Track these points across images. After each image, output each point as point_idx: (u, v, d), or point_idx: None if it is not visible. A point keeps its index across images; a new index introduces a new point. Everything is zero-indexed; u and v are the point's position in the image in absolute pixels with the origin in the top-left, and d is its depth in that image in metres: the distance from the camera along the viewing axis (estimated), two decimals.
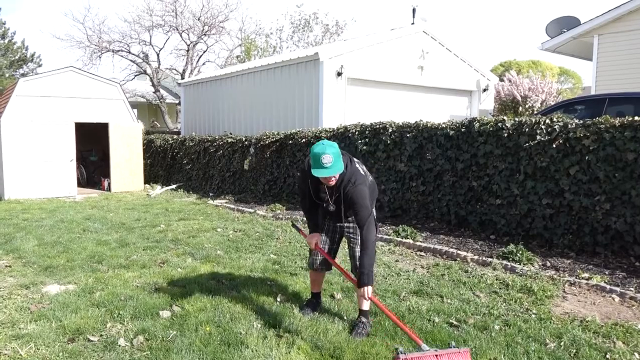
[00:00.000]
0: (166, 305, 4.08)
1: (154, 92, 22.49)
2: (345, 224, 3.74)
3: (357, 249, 3.63)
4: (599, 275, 4.82)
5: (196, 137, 12.95)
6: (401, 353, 2.78)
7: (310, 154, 3.29)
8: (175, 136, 14.53)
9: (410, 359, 2.75)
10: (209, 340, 3.41)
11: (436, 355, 2.81)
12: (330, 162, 3.21)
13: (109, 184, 12.44)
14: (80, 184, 12.99)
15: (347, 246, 3.84)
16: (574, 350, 3.26)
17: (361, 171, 3.51)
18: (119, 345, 3.36)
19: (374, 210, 3.59)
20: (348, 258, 3.87)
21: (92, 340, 3.45)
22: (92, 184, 13.53)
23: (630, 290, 4.40)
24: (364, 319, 3.62)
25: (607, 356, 3.18)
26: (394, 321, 3.18)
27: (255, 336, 3.46)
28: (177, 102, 23.45)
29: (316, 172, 3.25)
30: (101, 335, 3.53)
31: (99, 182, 13.21)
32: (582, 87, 23.04)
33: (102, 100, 12.16)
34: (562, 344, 3.36)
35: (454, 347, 2.93)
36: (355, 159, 3.58)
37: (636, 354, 3.21)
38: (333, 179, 3.34)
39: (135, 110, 15.69)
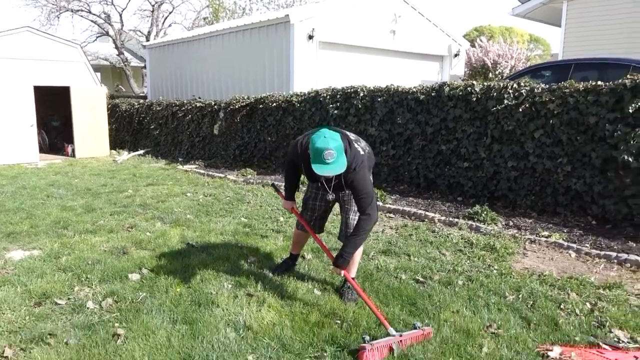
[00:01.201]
0: (135, 268, 4.06)
1: (117, 55, 21.71)
2: (341, 192, 3.54)
3: (351, 215, 3.51)
4: (558, 233, 5.02)
5: (163, 101, 12.64)
6: (367, 342, 2.73)
7: (311, 147, 2.99)
8: (141, 100, 14.16)
9: (376, 347, 2.70)
10: (180, 300, 3.43)
11: (400, 341, 2.80)
12: (333, 158, 2.91)
13: (73, 150, 12.11)
14: (43, 150, 12.59)
15: (339, 210, 3.67)
16: (531, 302, 3.42)
17: (360, 151, 3.23)
18: (88, 308, 3.35)
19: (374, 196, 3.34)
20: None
21: (59, 304, 3.42)
22: (55, 150, 13.14)
23: (586, 246, 4.61)
24: (349, 284, 3.52)
25: (561, 306, 3.35)
26: (365, 302, 3.16)
27: (226, 296, 3.50)
28: (142, 65, 22.71)
29: (318, 170, 2.95)
30: (69, 299, 3.51)
31: (62, 148, 12.84)
32: (550, 54, 23.37)
33: (62, 62, 11.69)
34: (520, 296, 3.52)
35: (418, 327, 2.93)
36: (351, 136, 3.29)
37: (588, 303, 3.39)
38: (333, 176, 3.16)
39: (99, 74, 15.16)
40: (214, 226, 5.40)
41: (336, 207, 3.83)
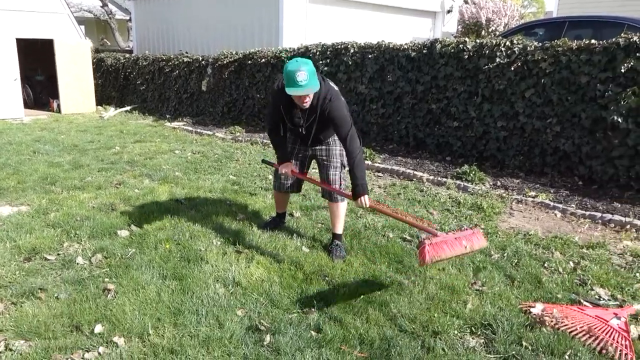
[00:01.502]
0: (124, 224, 4.07)
1: (101, 7, 20.94)
2: (318, 147, 3.61)
3: (331, 172, 3.57)
4: (545, 193, 5.08)
5: (150, 56, 12.32)
6: (426, 239, 2.76)
7: (284, 73, 3.09)
8: (127, 55, 13.78)
9: (436, 244, 2.75)
10: (169, 257, 3.46)
11: (456, 238, 2.84)
12: (306, 80, 3.02)
13: (59, 106, 11.86)
14: (28, 105, 12.30)
15: (318, 171, 3.72)
16: (516, 260, 3.49)
17: (335, 87, 3.38)
18: (77, 264, 3.37)
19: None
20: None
21: (49, 259, 3.43)
22: (40, 105, 12.85)
23: (572, 206, 4.68)
24: (338, 242, 3.62)
25: (545, 265, 3.43)
26: (401, 219, 3.23)
27: (214, 252, 3.53)
28: (127, 18, 22.00)
29: (291, 91, 3.06)
30: (58, 254, 3.52)
31: (47, 103, 12.55)
32: (545, 12, 23.01)
33: (44, 14, 11.26)
34: (505, 255, 3.59)
35: (465, 228, 2.99)
36: (326, 78, 3.42)
37: (571, 262, 3.48)
38: (308, 99, 3.18)
39: (83, 27, 14.63)
40: (203, 184, 5.39)
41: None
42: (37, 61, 12.95)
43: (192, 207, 4.56)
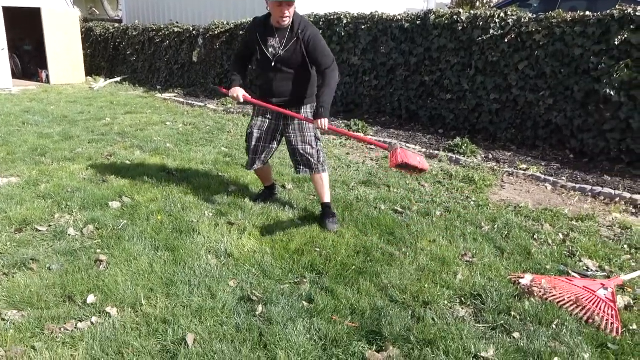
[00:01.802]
0: (115, 196, 4.05)
1: None
2: (290, 124, 3.56)
3: (300, 146, 3.55)
4: (536, 166, 5.11)
5: (140, 26, 12.07)
6: (396, 145, 3.15)
7: None
8: (116, 25, 13.50)
9: (403, 150, 3.15)
10: (161, 228, 3.46)
11: (413, 153, 3.20)
12: None
13: (47, 76, 11.66)
14: (16, 75, 12.07)
15: (288, 149, 3.70)
16: (506, 232, 3.53)
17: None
18: (69, 235, 3.36)
19: None
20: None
21: (40, 230, 3.42)
22: (29, 76, 12.63)
23: (562, 179, 4.71)
24: (328, 210, 3.63)
25: (535, 237, 3.47)
26: (353, 137, 3.61)
27: (207, 224, 3.53)
28: None
29: None
30: (50, 226, 3.51)
31: (35, 73, 12.34)
32: None
33: None
34: (495, 227, 3.63)
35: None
36: None
37: (560, 234, 3.52)
38: (288, 13, 3.22)
39: None
40: (194, 155, 5.36)
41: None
42: (24, 30, 12.66)
43: (184, 179, 4.54)
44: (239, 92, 3.51)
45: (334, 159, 5.37)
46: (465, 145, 5.57)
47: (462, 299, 2.68)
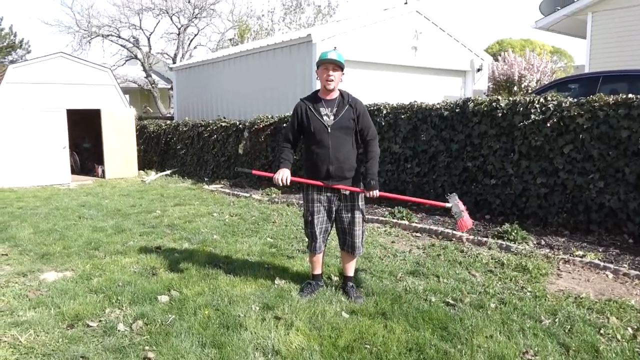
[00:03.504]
0: (164, 290, 4.10)
1: (145, 77, 22.27)
2: (342, 205, 3.81)
3: (348, 227, 3.81)
4: (593, 252, 4.87)
5: (189, 122, 12.86)
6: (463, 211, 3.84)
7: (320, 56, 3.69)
8: (168, 121, 14.44)
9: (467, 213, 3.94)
10: (208, 323, 3.43)
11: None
12: (336, 55, 3.66)
13: (103, 171, 12.39)
14: (74, 171, 12.90)
15: (336, 226, 3.93)
16: (569, 327, 3.30)
17: None
18: (119, 330, 3.38)
19: None
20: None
21: (91, 326, 3.46)
22: (86, 171, 13.46)
23: (624, 266, 4.45)
24: (352, 283, 3.95)
25: (601, 331, 3.23)
26: (413, 200, 4.24)
27: (253, 318, 3.49)
28: (169, 87, 23.21)
29: (325, 55, 3.63)
30: (100, 321, 3.55)
31: (92, 169, 13.14)
32: (574, 66, 23.03)
33: (93, 86, 12.03)
34: (556, 320, 3.41)
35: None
36: None
37: (629, 328, 3.26)
38: (334, 75, 3.63)
39: (127, 96, 15.52)
40: (241, 247, 5.42)
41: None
42: (85, 129, 13.70)
43: (231, 271, 4.56)
44: (287, 173, 3.70)
45: (379, 248, 5.31)
46: (515, 231, 5.40)
47: None
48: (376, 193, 3.63)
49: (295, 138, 3.88)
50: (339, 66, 3.67)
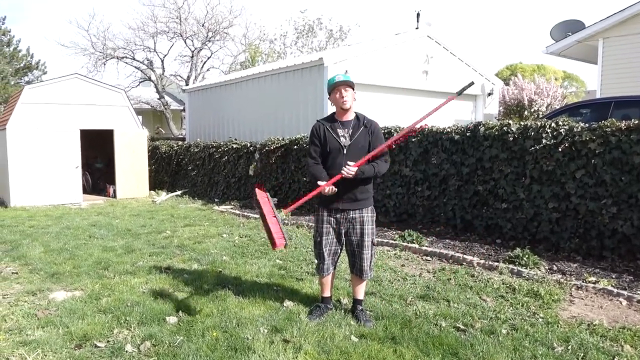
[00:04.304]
0: (172, 311, 4.09)
1: (158, 99, 22.63)
2: (352, 228, 3.84)
3: (357, 250, 3.84)
4: (606, 279, 4.79)
5: (201, 143, 12.99)
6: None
7: (328, 83, 3.82)
8: (180, 142, 14.59)
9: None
10: (216, 345, 3.41)
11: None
12: (345, 76, 3.80)
13: (115, 191, 12.49)
14: (86, 190, 13.03)
15: (345, 248, 3.98)
16: (582, 354, 3.23)
17: None
18: (126, 351, 3.37)
19: None
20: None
21: (99, 347, 3.45)
22: (98, 191, 13.58)
23: (638, 293, 4.37)
24: (361, 307, 3.95)
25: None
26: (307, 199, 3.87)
27: (262, 341, 3.46)
28: (181, 108, 23.56)
29: (333, 80, 3.76)
30: (108, 341, 3.54)
31: (104, 188, 13.26)
32: (585, 91, 23.02)
33: (107, 107, 12.22)
34: (569, 347, 3.34)
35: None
36: None
37: None
38: (347, 95, 3.74)
39: (140, 117, 15.76)
40: (250, 268, 5.41)
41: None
42: (97, 149, 13.88)
43: (240, 292, 4.55)
44: (330, 187, 3.71)
45: (389, 271, 5.26)
46: (527, 256, 5.34)
47: None
48: (352, 170, 3.58)
49: (318, 154, 3.87)
50: (349, 85, 3.77)
